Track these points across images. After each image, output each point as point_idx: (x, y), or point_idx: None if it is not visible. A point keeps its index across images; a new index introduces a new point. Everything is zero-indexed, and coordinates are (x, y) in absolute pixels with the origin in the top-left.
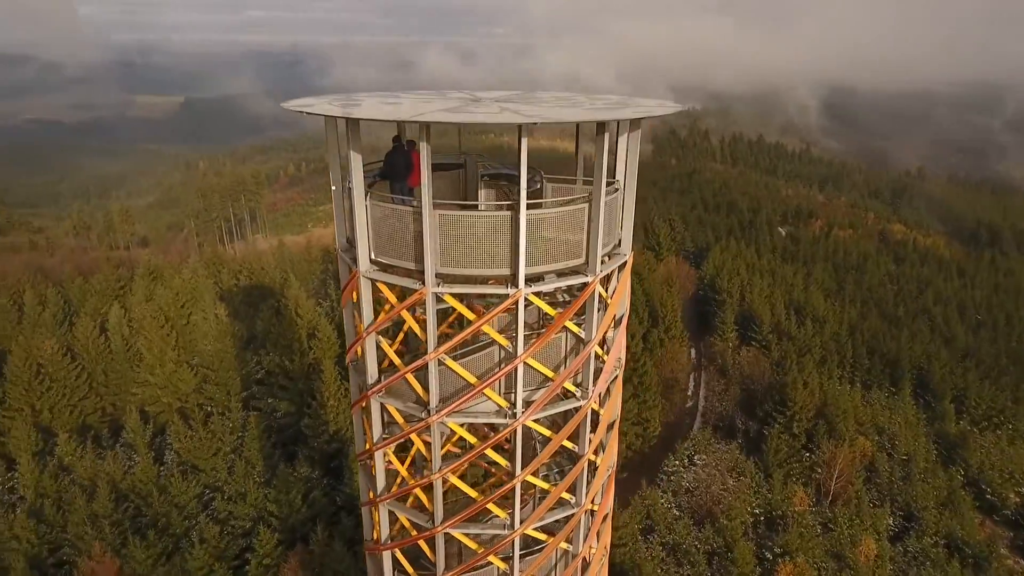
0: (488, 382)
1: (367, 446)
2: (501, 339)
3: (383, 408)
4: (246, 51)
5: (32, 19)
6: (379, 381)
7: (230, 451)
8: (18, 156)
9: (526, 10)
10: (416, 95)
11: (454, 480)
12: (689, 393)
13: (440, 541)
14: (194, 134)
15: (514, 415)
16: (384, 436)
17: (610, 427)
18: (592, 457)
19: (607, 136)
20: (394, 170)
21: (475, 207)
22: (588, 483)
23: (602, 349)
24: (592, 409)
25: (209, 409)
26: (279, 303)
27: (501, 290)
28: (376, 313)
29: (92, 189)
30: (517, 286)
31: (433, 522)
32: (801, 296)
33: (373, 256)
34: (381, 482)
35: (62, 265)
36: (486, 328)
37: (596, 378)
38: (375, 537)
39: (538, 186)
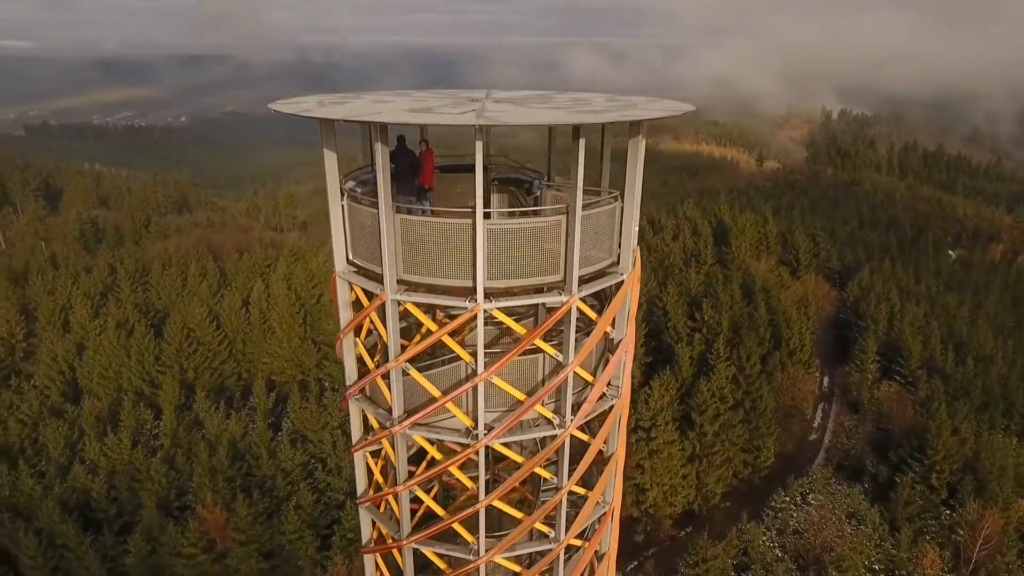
0: (450, 397)
1: (375, 489)
2: (464, 354)
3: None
4: (410, 52)
5: (230, 24)
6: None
7: (337, 426)
8: (215, 144)
9: (686, 10)
10: (421, 94)
11: (419, 493)
12: (815, 425)
13: (408, 554)
14: (358, 128)
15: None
16: (364, 439)
17: (602, 462)
18: (582, 491)
19: (582, 141)
20: (398, 170)
21: (422, 212)
22: (571, 518)
23: (592, 376)
24: (574, 438)
25: (325, 384)
26: None
27: (460, 303)
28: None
29: (269, 175)
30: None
31: (400, 533)
32: (965, 330)
33: (350, 257)
34: (361, 485)
35: (226, 242)
36: (447, 341)
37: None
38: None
39: (538, 193)
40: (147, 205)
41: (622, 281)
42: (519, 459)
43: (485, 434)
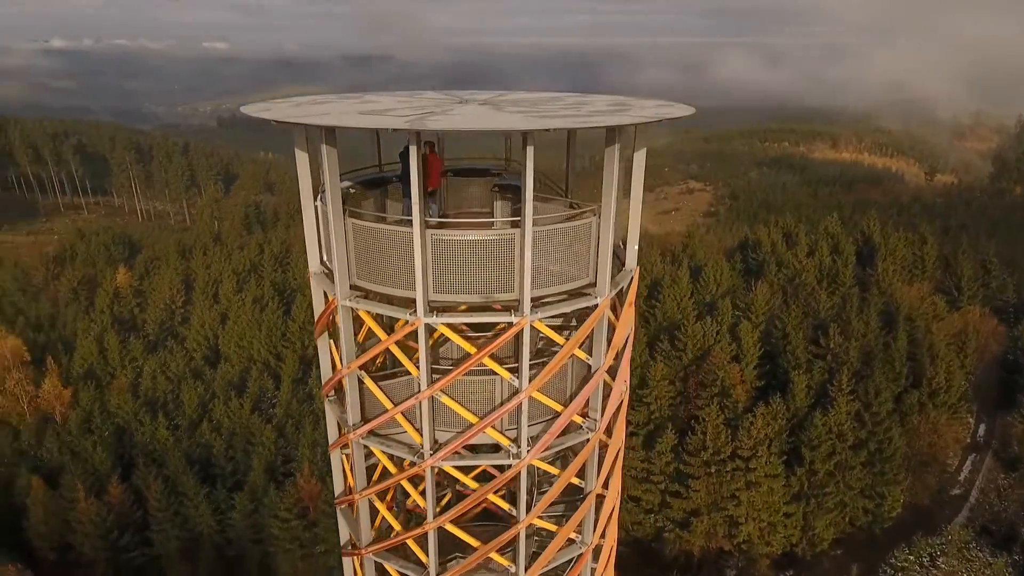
0: (397, 409)
1: (347, 491)
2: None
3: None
4: (562, 53)
5: (394, 26)
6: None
7: None
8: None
9: (854, 8)
10: (427, 95)
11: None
12: (960, 479)
13: (369, 564)
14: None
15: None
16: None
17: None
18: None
19: (530, 149)
20: (402, 175)
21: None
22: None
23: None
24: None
25: None
26: None
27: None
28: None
29: None
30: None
31: (361, 541)
32: None
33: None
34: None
35: None
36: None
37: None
38: None
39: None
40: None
41: (598, 304)
42: (473, 484)
43: (432, 454)
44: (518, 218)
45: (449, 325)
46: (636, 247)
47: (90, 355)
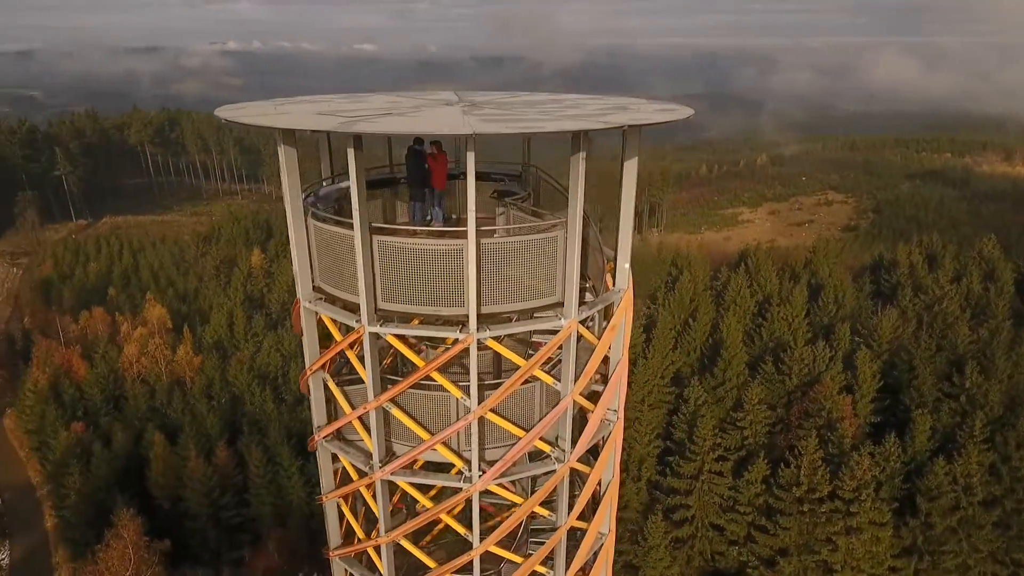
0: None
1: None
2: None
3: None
4: (698, 54)
5: (525, 27)
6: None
7: None
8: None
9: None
10: (407, 96)
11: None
12: None
13: None
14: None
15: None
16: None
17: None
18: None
19: (471, 155)
20: (408, 176)
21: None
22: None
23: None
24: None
25: None
26: None
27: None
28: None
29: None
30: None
31: None
32: None
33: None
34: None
35: None
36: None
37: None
38: None
39: (527, 201)
40: None
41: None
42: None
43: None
44: (492, 228)
45: (402, 337)
46: (627, 266)
47: (220, 328)
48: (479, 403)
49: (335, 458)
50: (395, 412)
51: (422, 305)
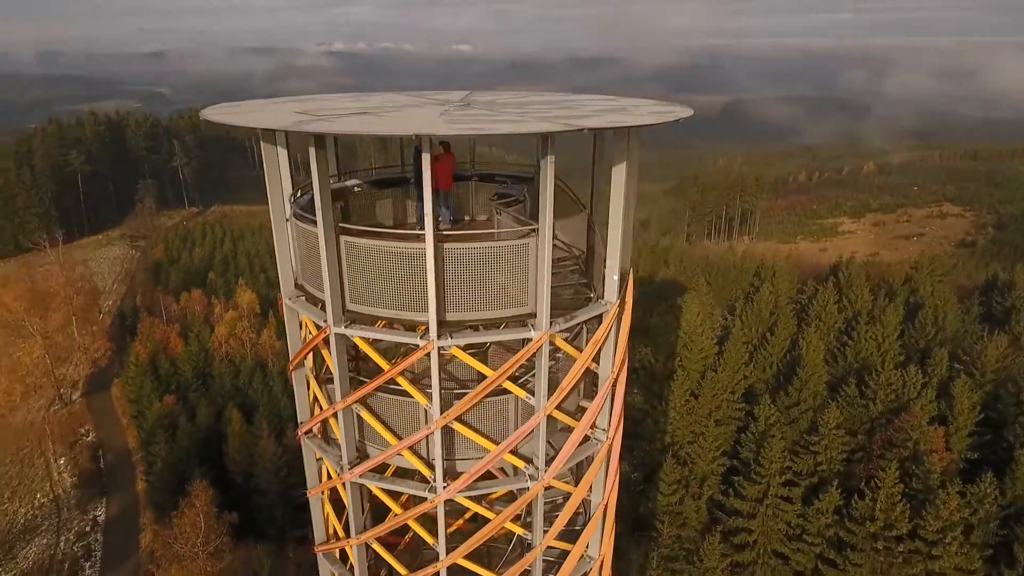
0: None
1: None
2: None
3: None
4: (807, 55)
5: (626, 28)
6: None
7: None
8: (587, 141)
9: None
10: (408, 95)
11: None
12: None
13: None
14: (731, 133)
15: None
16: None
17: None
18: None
19: (425, 157)
20: (414, 177)
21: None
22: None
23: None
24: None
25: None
26: (679, 303)
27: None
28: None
29: None
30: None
31: None
32: None
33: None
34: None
35: None
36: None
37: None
38: None
39: (522, 205)
40: None
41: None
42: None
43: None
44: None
45: (372, 341)
46: (616, 278)
47: None
48: (440, 412)
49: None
50: (364, 414)
51: (385, 308)
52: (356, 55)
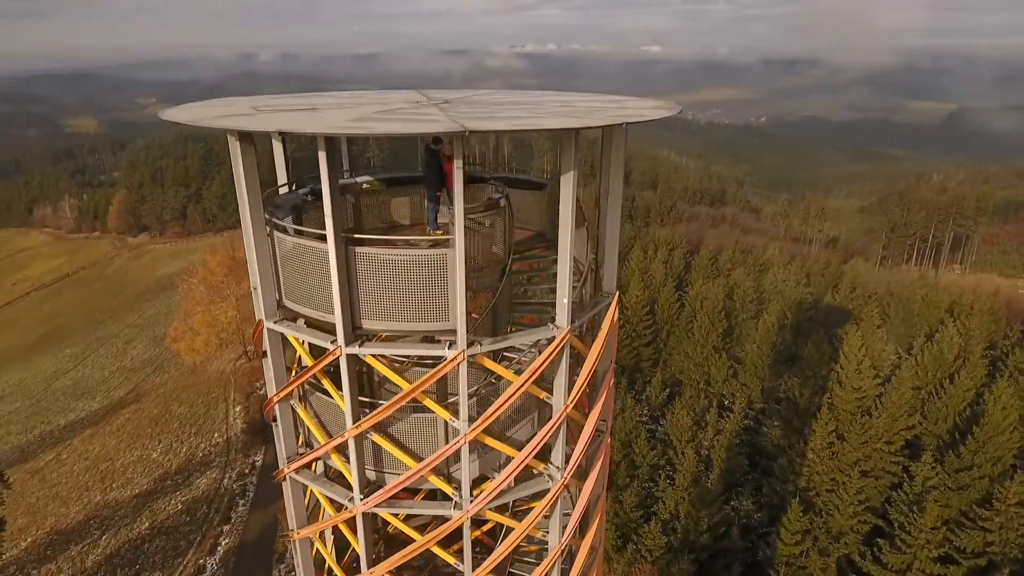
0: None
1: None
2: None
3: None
4: None
5: (830, 28)
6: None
7: (697, 443)
8: (784, 146)
9: None
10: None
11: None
12: None
13: None
14: (956, 145)
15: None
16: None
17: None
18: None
19: (322, 155)
20: (427, 180)
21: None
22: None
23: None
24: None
25: (725, 402)
26: (832, 336)
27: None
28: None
29: (822, 183)
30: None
31: None
32: None
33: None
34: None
35: (716, 238)
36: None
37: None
38: None
39: (501, 204)
40: (686, 192)
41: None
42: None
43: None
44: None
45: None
46: (566, 300)
47: None
48: (352, 423)
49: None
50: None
51: (309, 308)
52: (545, 56)
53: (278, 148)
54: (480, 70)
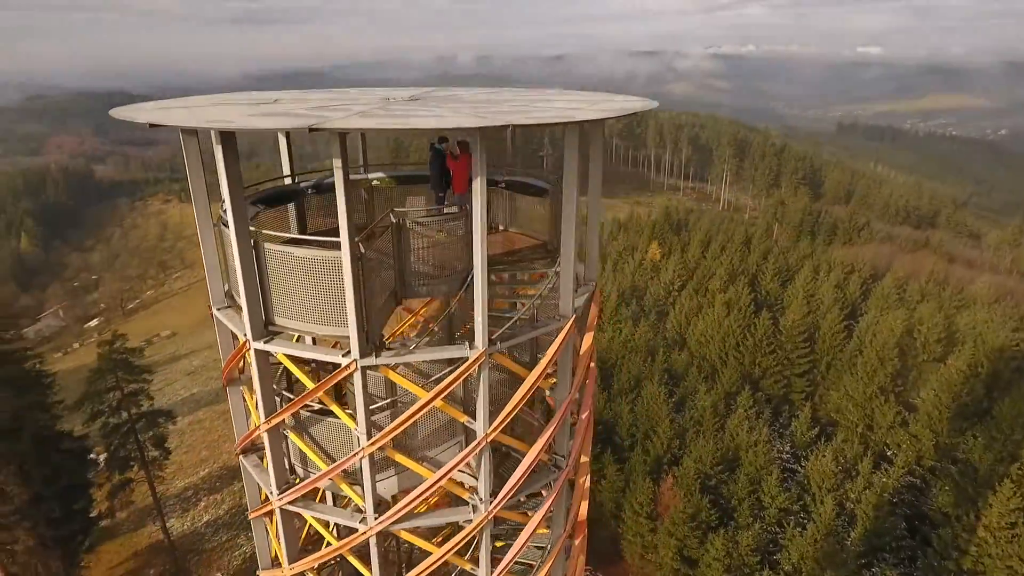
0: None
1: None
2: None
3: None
4: None
5: None
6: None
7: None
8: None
9: None
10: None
11: None
12: None
13: None
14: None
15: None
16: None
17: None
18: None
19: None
20: (431, 180)
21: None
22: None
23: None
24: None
25: (888, 451)
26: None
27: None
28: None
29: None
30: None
31: None
32: None
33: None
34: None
35: (918, 264)
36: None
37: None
38: None
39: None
40: (886, 209)
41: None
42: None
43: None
44: None
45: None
46: (481, 320)
47: None
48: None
49: None
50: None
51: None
52: (740, 58)
53: (282, 142)
54: (668, 72)
